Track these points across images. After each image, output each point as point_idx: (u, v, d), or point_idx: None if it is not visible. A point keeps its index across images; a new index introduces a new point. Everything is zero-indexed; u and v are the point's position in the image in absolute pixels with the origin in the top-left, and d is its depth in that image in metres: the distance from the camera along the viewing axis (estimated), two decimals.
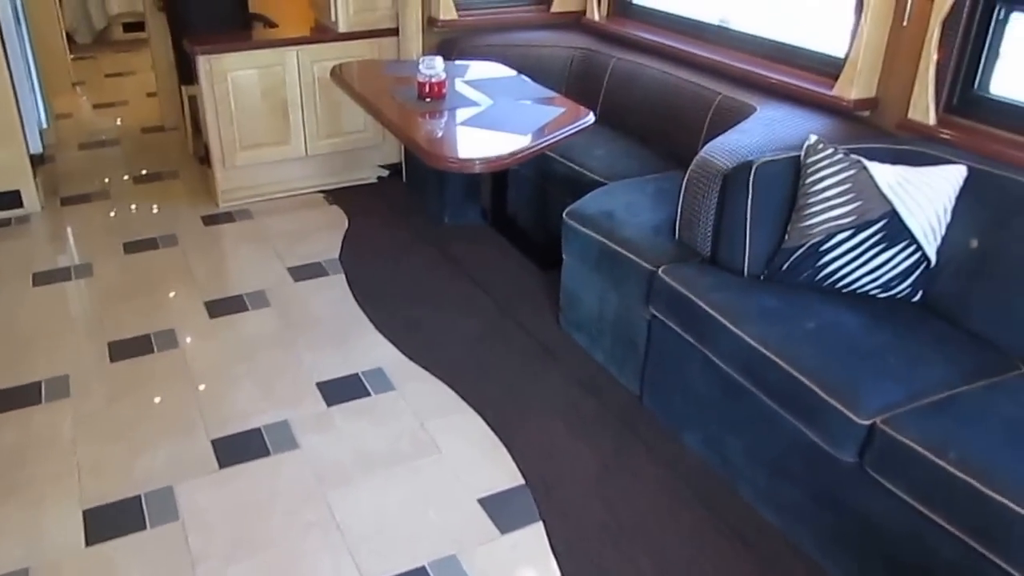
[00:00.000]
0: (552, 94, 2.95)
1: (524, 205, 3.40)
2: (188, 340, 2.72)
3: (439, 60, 2.74)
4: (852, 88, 2.44)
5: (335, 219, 3.66)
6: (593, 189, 2.76)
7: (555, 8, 3.75)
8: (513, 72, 3.18)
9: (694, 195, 2.24)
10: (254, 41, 3.54)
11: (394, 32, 3.69)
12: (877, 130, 2.42)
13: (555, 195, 3.09)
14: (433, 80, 2.71)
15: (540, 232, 3.28)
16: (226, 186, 3.75)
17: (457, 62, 3.33)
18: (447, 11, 3.55)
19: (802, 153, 2.03)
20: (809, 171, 2.00)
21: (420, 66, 2.75)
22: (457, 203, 3.52)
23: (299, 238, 3.48)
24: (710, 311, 1.98)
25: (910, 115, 2.28)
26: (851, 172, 1.96)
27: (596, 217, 2.48)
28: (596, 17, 3.64)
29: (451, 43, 3.57)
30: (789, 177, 2.08)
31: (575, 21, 3.75)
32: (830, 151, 1.99)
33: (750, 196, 2.06)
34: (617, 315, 2.44)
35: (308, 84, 3.66)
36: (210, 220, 3.64)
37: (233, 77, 3.51)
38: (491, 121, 2.64)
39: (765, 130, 2.35)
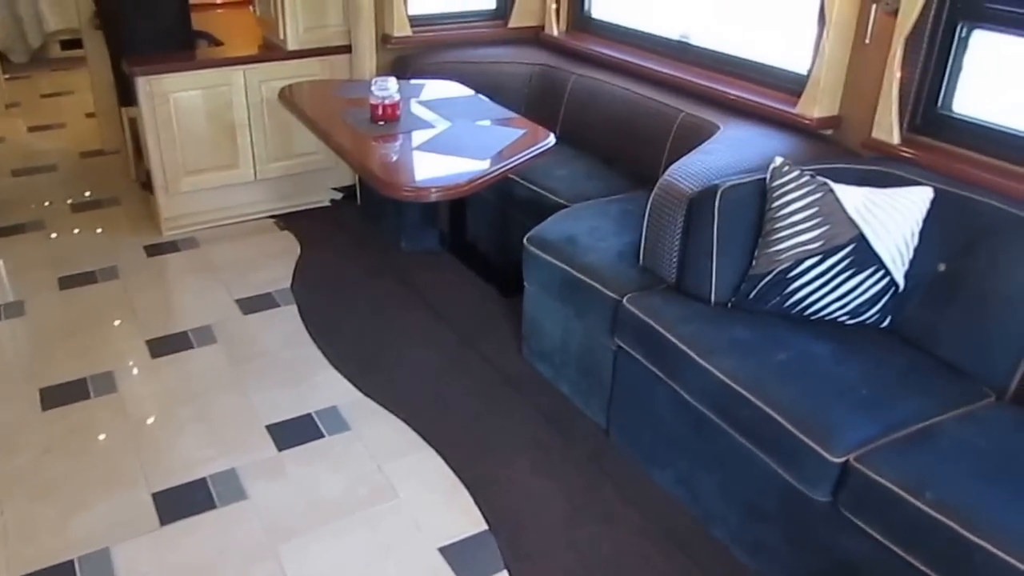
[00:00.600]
0: (511, 115, 2.91)
1: (484, 228, 3.35)
2: (128, 383, 2.61)
3: (392, 81, 2.68)
4: (815, 106, 2.44)
5: (287, 246, 3.58)
6: (555, 212, 2.73)
7: (513, 23, 3.72)
8: (471, 91, 3.13)
9: (658, 220, 2.21)
10: (198, 60, 3.44)
11: (347, 49, 3.63)
12: (842, 149, 2.42)
13: (516, 218, 3.05)
14: (387, 102, 2.65)
15: (501, 256, 3.23)
16: (170, 213, 3.64)
17: (412, 81, 3.28)
18: (401, 27, 3.50)
19: (767, 176, 2.01)
20: (775, 195, 1.98)
21: (373, 87, 2.68)
22: (414, 228, 3.46)
23: (249, 267, 3.39)
24: (678, 343, 1.95)
25: (874, 134, 2.28)
26: (818, 195, 1.95)
27: (557, 243, 2.44)
28: (555, 32, 3.62)
29: (406, 61, 3.52)
30: (755, 201, 2.06)
31: (534, 36, 3.73)
32: (795, 174, 1.98)
33: (716, 222, 2.03)
34: (581, 345, 2.40)
35: (256, 105, 3.58)
36: (153, 250, 3.52)
37: (176, 99, 3.41)
38: (448, 145, 2.58)
39: (730, 151, 2.34)
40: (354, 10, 3.46)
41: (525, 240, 2.54)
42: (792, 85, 2.59)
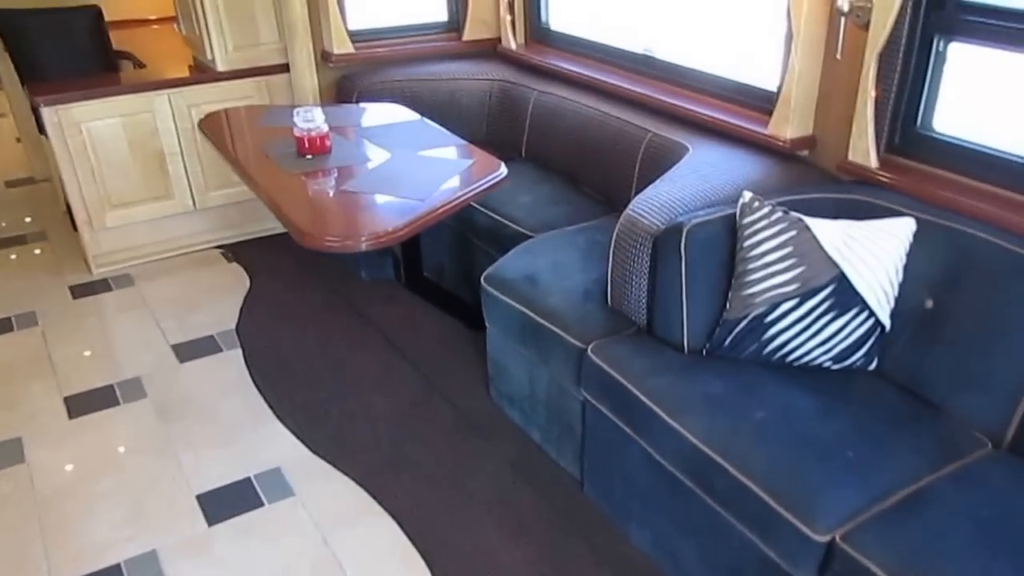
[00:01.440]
0: (459, 142, 2.75)
1: (446, 257, 3.21)
2: (38, 451, 2.43)
3: (318, 111, 2.51)
4: (787, 126, 2.33)
5: (234, 280, 3.41)
6: (519, 241, 2.60)
7: (467, 36, 3.59)
8: (415, 116, 2.98)
9: (623, 258, 2.09)
10: (112, 87, 3.24)
11: (285, 68, 3.47)
12: (817, 173, 2.32)
13: (479, 246, 2.92)
14: (312, 134, 2.48)
15: (466, 287, 3.09)
16: (99, 250, 3.45)
17: (352, 106, 3.12)
18: (342, 44, 3.35)
19: (737, 213, 1.90)
20: (746, 233, 1.87)
21: (296, 118, 2.50)
22: (374, 256, 3.31)
23: (190, 306, 3.22)
24: (646, 400, 1.82)
25: (850, 157, 2.18)
26: (792, 233, 1.84)
27: (517, 283, 2.31)
28: (512, 45, 3.49)
29: (350, 80, 3.37)
30: (725, 239, 1.95)
31: (490, 50, 3.60)
32: (766, 210, 1.87)
33: (684, 262, 1.92)
34: (549, 393, 2.27)
35: (187, 131, 3.40)
36: (81, 291, 3.33)
37: (90, 128, 3.22)
38: (384, 181, 2.37)
39: (698, 178, 2.23)
40: (287, 26, 3.31)
41: (483, 279, 2.41)
42: (762, 103, 2.49)
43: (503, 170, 2.41)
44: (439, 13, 3.62)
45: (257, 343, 2.97)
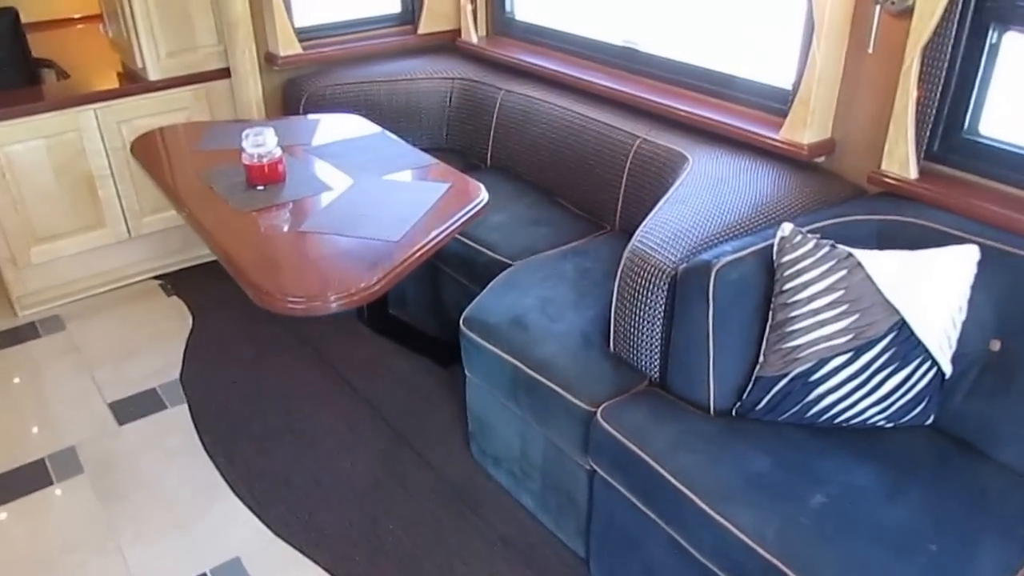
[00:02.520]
0: (428, 160, 2.32)
1: (411, 285, 2.82)
2: None
3: (269, 133, 2.08)
4: (805, 130, 1.99)
5: (175, 316, 2.98)
6: (494, 270, 2.23)
7: (423, 29, 3.16)
8: (375, 128, 2.56)
9: (631, 300, 1.73)
10: (33, 104, 2.77)
11: (226, 74, 3.02)
12: (840, 182, 1.98)
13: (448, 273, 2.54)
14: (265, 161, 2.06)
15: (433, 318, 2.71)
16: (23, 290, 2.99)
17: (302, 120, 2.68)
18: (288, 44, 2.91)
19: (775, 249, 1.55)
20: (786, 273, 1.52)
21: (244, 142, 2.08)
22: None
23: (127, 352, 2.78)
24: (675, 482, 1.48)
25: (884, 166, 1.85)
26: (842, 273, 1.49)
27: (503, 328, 1.94)
28: (473, 39, 3.08)
29: (299, 84, 2.94)
30: (760, 278, 1.60)
31: (449, 43, 3.19)
32: (810, 245, 1.52)
33: (711, 310, 1.57)
34: (547, 458, 1.91)
35: (118, 151, 2.94)
36: (4, 339, 2.87)
37: (8, 153, 2.75)
38: (349, 218, 1.94)
39: (708, 196, 1.87)
40: (228, 26, 2.85)
41: (462, 322, 2.03)
42: (772, 103, 2.14)
43: (483, 196, 2.02)
44: (391, 4, 3.19)
45: (204, 396, 2.55)
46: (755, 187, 1.92)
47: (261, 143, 2.04)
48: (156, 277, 3.23)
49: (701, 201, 1.86)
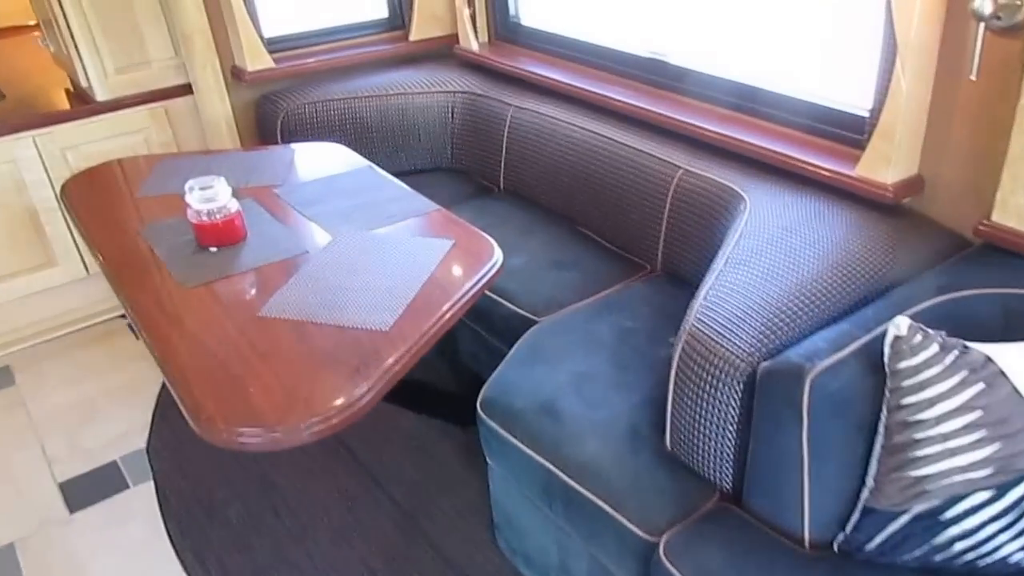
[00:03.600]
0: (426, 207, 1.88)
1: None
2: None
3: (220, 184, 1.64)
4: (888, 168, 1.61)
5: (144, 365, 2.58)
6: (515, 324, 1.86)
7: (414, 36, 2.75)
8: (361, 162, 2.13)
9: (693, 399, 1.36)
10: None
11: (187, 89, 2.60)
12: (929, 227, 1.62)
13: (464, 321, 2.16)
14: (218, 219, 1.63)
15: (449, 370, 2.33)
16: None
17: (275, 151, 2.24)
18: (256, 57, 2.49)
19: (887, 349, 1.18)
20: (904, 384, 1.16)
21: (189, 196, 1.62)
22: None
23: (85, 413, 2.39)
24: None
25: (998, 218, 1.48)
26: (979, 387, 1.13)
27: (531, 416, 1.57)
28: (473, 46, 2.67)
29: (273, 102, 2.52)
30: (865, 383, 1.22)
31: (445, 51, 2.78)
32: (934, 348, 1.15)
33: (806, 428, 1.20)
34: (591, 573, 1.55)
35: (62, 180, 2.51)
36: None
37: None
38: (328, 294, 1.48)
39: (779, 254, 1.49)
40: (183, 38, 2.42)
41: (478, 405, 1.66)
42: (841, 131, 1.76)
43: (497, 256, 1.62)
44: (378, 9, 2.77)
45: (173, 469, 2.16)
46: (833, 238, 1.54)
47: (211, 197, 1.61)
48: (122, 315, 2.83)
49: (769, 260, 1.49)
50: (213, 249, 1.65)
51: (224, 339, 1.38)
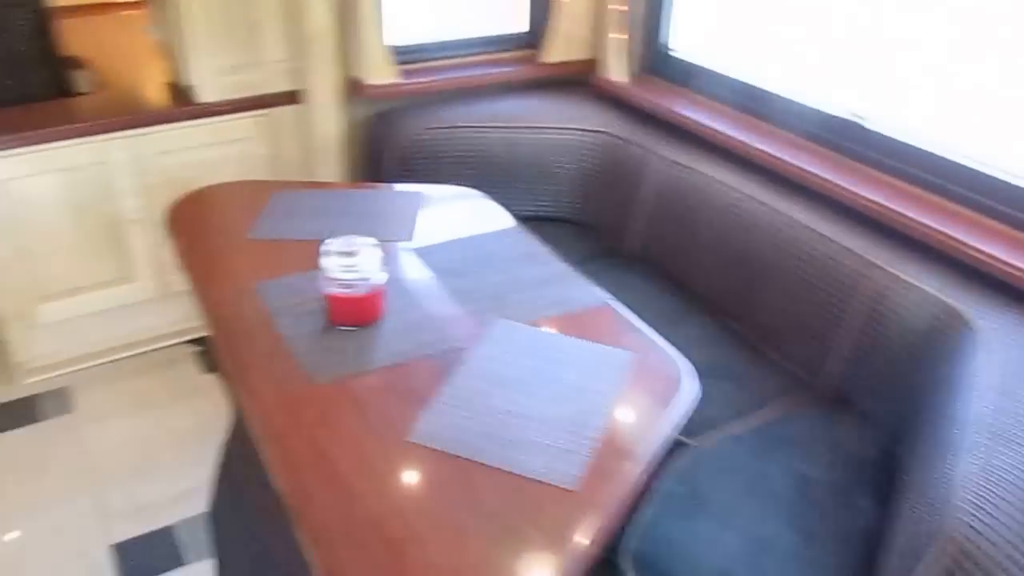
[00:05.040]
0: (592, 296, 1.48)
1: None
2: None
3: (369, 249, 1.30)
4: None
5: (207, 404, 2.29)
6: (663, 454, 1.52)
7: (551, 58, 2.41)
8: (508, 220, 1.74)
9: None
10: (48, 130, 2.06)
11: (291, 98, 2.30)
12: None
13: None
14: (361, 293, 1.30)
15: None
16: (28, 354, 2.31)
17: (397, 192, 1.85)
18: (379, 70, 2.17)
19: None
20: None
21: (326, 260, 1.29)
22: None
23: (144, 458, 2.09)
24: None
25: None
26: None
27: None
28: (614, 75, 2.32)
29: (390, 122, 2.21)
30: None
31: (582, 78, 2.43)
32: None
33: None
34: None
35: (154, 188, 2.24)
36: None
37: (11, 190, 2.06)
38: (495, 418, 1.13)
39: None
40: (304, 41, 2.12)
41: (621, 555, 1.33)
42: None
43: (694, 389, 1.28)
44: (518, 22, 2.43)
45: (238, 550, 1.87)
46: None
47: (354, 266, 1.27)
48: (193, 340, 2.55)
49: None
50: (347, 328, 1.33)
51: (370, 474, 1.06)
